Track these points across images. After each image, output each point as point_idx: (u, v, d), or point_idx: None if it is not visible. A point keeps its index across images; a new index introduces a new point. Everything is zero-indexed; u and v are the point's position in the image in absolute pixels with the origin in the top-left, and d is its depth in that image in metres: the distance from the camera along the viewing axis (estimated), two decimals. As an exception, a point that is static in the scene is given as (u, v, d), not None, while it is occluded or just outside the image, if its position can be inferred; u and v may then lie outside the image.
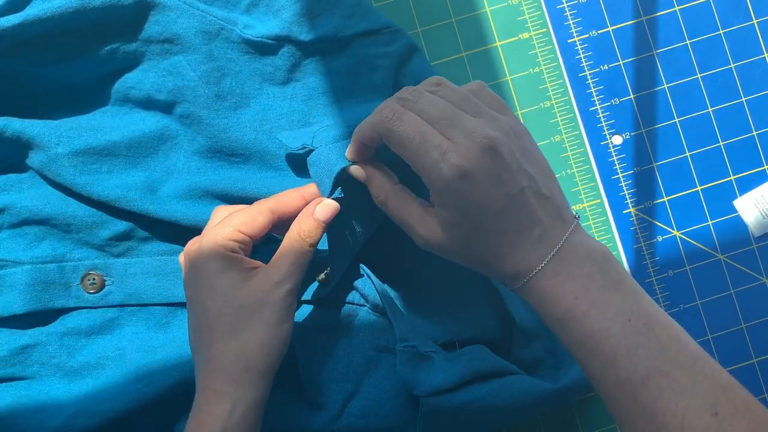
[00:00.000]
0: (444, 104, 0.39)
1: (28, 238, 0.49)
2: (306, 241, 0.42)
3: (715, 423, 0.35)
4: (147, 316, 0.50)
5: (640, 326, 0.37)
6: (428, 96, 0.40)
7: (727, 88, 0.56)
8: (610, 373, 0.37)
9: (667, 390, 0.36)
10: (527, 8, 0.56)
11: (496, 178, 0.38)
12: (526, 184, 0.38)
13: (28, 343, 0.48)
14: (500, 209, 0.38)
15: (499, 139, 0.38)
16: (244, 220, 0.42)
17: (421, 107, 0.39)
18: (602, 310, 0.37)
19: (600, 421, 0.55)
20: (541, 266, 0.38)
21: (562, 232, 0.39)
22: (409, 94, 0.40)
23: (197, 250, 0.42)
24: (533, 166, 0.39)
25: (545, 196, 0.39)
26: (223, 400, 0.40)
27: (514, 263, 0.39)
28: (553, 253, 0.38)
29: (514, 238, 0.38)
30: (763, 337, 0.55)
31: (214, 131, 0.50)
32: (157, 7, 0.49)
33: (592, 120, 0.56)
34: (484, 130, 0.38)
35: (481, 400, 0.45)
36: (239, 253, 0.42)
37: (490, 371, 0.46)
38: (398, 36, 0.51)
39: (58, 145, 0.48)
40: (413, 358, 0.45)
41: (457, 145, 0.38)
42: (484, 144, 0.37)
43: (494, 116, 0.40)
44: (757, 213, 0.55)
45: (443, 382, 0.44)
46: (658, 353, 0.36)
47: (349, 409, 0.47)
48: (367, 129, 0.41)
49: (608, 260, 0.39)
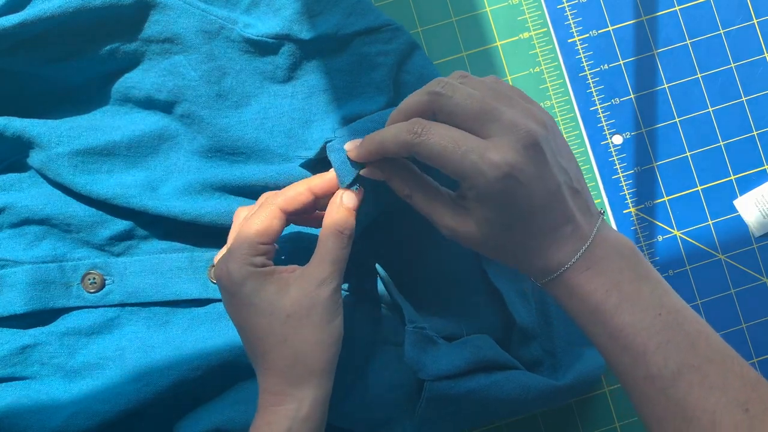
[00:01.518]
0: (480, 96, 0.37)
1: (28, 237, 0.49)
2: (345, 234, 0.41)
3: (746, 420, 0.35)
4: (147, 316, 0.50)
5: (670, 320, 0.37)
6: (463, 89, 0.38)
7: (728, 88, 0.56)
8: (640, 368, 0.37)
9: (697, 386, 0.35)
10: (527, 8, 0.56)
11: (539, 175, 0.37)
12: (563, 179, 0.38)
13: (28, 343, 0.48)
14: (539, 207, 0.37)
15: (541, 134, 0.37)
16: (259, 230, 0.42)
17: (458, 102, 0.37)
18: (633, 304, 0.37)
19: (600, 421, 0.55)
20: (573, 261, 0.38)
21: (592, 226, 0.38)
22: (443, 87, 0.38)
23: (228, 275, 0.41)
24: (566, 159, 0.39)
25: (577, 190, 0.38)
26: (287, 400, 0.40)
27: (546, 259, 0.38)
28: (585, 247, 0.38)
29: (549, 235, 0.38)
30: (763, 337, 0.55)
31: (215, 130, 0.50)
32: (157, 7, 0.49)
33: (592, 120, 0.56)
34: (525, 123, 0.36)
35: (484, 390, 0.45)
36: (269, 263, 0.42)
37: (495, 361, 0.46)
38: (398, 34, 0.51)
39: (59, 144, 0.48)
40: (421, 340, 0.45)
41: (497, 142, 0.36)
42: (527, 140, 0.36)
43: (529, 108, 0.38)
44: (757, 213, 0.55)
45: (450, 366, 0.44)
46: (688, 348, 0.36)
47: (349, 401, 0.47)
48: (392, 145, 0.39)
49: (636, 254, 0.39)
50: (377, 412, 0.47)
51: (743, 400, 0.35)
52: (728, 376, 0.36)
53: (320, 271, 0.41)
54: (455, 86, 0.38)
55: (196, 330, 0.50)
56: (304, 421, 0.40)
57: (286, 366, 0.40)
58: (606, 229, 0.39)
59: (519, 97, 0.39)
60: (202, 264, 0.50)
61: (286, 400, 0.40)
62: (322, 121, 0.51)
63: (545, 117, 0.38)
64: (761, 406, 0.35)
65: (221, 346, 0.47)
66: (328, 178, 0.43)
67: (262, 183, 0.48)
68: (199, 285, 0.50)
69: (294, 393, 0.40)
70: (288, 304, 0.40)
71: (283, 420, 0.40)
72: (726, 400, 0.35)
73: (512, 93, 0.39)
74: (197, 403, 0.48)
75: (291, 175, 0.48)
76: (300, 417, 0.40)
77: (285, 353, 0.40)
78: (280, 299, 0.40)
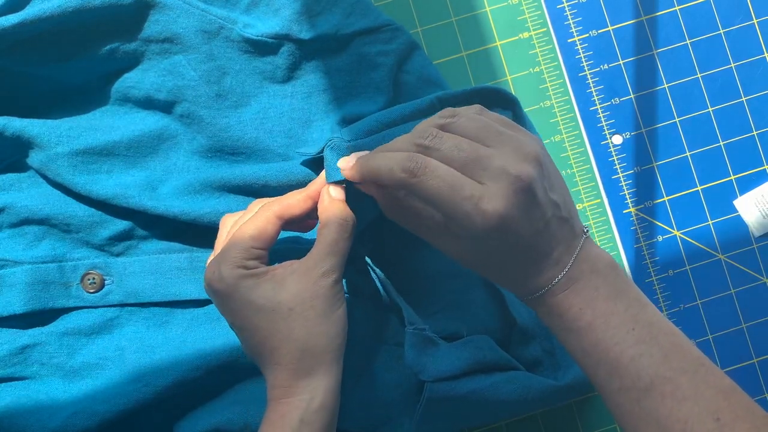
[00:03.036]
0: (467, 145, 0.37)
1: (27, 237, 0.49)
2: (348, 222, 0.42)
3: (717, 428, 0.36)
4: (147, 316, 0.50)
5: (644, 335, 0.38)
6: (449, 139, 0.38)
7: (728, 87, 0.56)
8: (614, 381, 0.38)
9: (669, 397, 0.36)
10: (527, 8, 0.56)
11: (528, 216, 0.37)
12: (551, 213, 0.38)
13: (28, 343, 0.48)
14: (527, 243, 0.38)
15: (533, 176, 0.37)
16: (253, 234, 0.42)
17: (445, 154, 0.37)
18: (606, 320, 0.38)
19: (600, 421, 0.55)
20: (551, 285, 0.39)
21: (574, 249, 0.39)
22: (430, 140, 0.38)
23: (220, 279, 0.41)
24: (556, 190, 0.39)
25: (565, 218, 0.39)
26: (299, 392, 0.40)
27: (528, 283, 0.39)
28: (564, 273, 0.39)
29: (533, 265, 0.39)
30: (763, 337, 0.55)
31: (215, 130, 0.50)
32: (157, 7, 0.49)
33: (592, 120, 0.56)
34: (515, 167, 0.37)
35: (484, 391, 0.45)
36: (261, 266, 0.42)
37: (495, 362, 0.46)
38: (398, 34, 0.51)
39: (58, 144, 0.48)
40: (421, 341, 0.45)
41: (490, 190, 0.36)
42: (517, 185, 0.36)
43: (518, 142, 0.38)
44: (757, 213, 0.55)
45: (450, 367, 0.44)
46: (661, 361, 0.37)
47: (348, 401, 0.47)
48: (385, 177, 0.38)
49: (614, 270, 0.39)
50: (376, 412, 0.47)
51: (714, 409, 0.36)
52: (700, 387, 0.37)
53: (322, 262, 0.41)
54: (442, 138, 0.38)
55: (196, 330, 0.50)
56: (317, 411, 0.40)
57: (294, 359, 0.40)
58: (588, 247, 0.40)
59: (509, 130, 0.39)
60: (202, 264, 0.50)
61: (297, 391, 0.40)
62: (322, 121, 0.51)
63: (536, 148, 0.38)
64: (732, 414, 0.36)
65: (221, 346, 0.47)
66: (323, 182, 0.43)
67: (262, 182, 0.48)
68: (198, 285, 0.50)
69: (305, 384, 0.40)
70: (289, 298, 0.40)
71: (296, 411, 0.40)
72: (698, 409, 0.36)
73: (501, 127, 0.39)
74: (197, 403, 0.48)
75: (291, 173, 0.48)
76: (313, 407, 0.40)
77: (292, 347, 0.40)
78: (279, 295, 0.40)
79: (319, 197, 0.43)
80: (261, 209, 0.43)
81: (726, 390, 0.37)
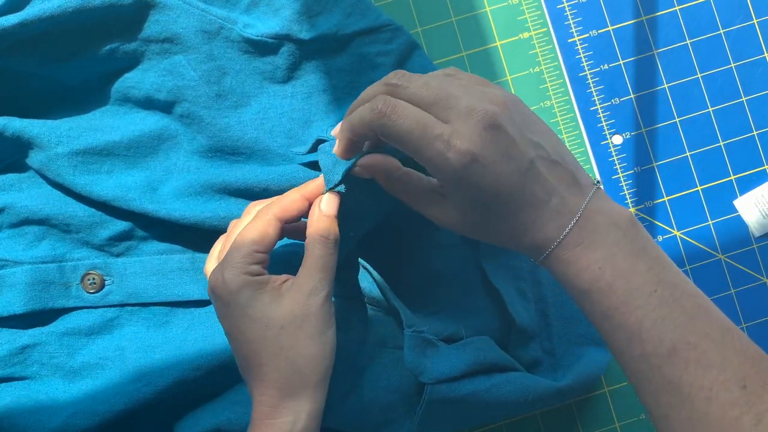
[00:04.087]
0: (436, 84, 0.37)
1: (27, 237, 0.49)
2: (330, 239, 0.41)
3: (743, 396, 0.34)
4: (147, 316, 0.50)
5: (667, 296, 0.36)
6: (418, 78, 0.38)
7: (728, 88, 0.56)
8: (635, 346, 0.36)
9: (694, 363, 0.35)
10: (527, 8, 0.56)
11: (504, 154, 0.36)
12: (534, 154, 0.37)
13: (28, 343, 0.48)
14: (513, 186, 0.36)
15: (500, 113, 0.36)
16: (255, 238, 0.41)
17: (413, 91, 0.37)
18: (627, 281, 0.36)
19: (600, 421, 0.55)
20: (562, 237, 0.37)
21: (581, 199, 0.37)
22: (398, 78, 0.38)
23: (223, 284, 0.41)
24: (537, 133, 0.38)
25: (556, 162, 0.37)
26: (284, 413, 0.40)
27: (532, 237, 0.37)
28: (573, 222, 0.36)
29: (531, 213, 0.37)
30: (763, 337, 0.55)
31: (215, 130, 0.50)
32: (157, 7, 0.49)
33: (592, 120, 0.56)
34: (483, 105, 0.36)
35: (484, 392, 0.45)
36: (263, 272, 0.41)
37: (495, 363, 0.46)
38: (398, 34, 0.51)
39: (58, 144, 0.48)
40: (421, 343, 0.45)
41: (459, 128, 0.36)
42: (485, 121, 0.35)
43: (485, 90, 0.38)
44: (757, 213, 0.55)
45: (450, 369, 0.44)
46: (685, 325, 0.35)
47: (347, 405, 0.47)
48: (358, 125, 0.38)
49: (634, 225, 0.37)
50: (375, 416, 0.47)
51: (741, 376, 0.34)
52: (727, 353, 0.35)
53: (309, 280, 0.40)
54: (411, 76, 0.38)
55: (196, 330, 0.50)
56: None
57: (282, 378, 0.40)
58: (601, 200, 0.38)
59: (477, 84, 0.39)
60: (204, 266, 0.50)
61: (282, 413, 0.40)
62: (322, 121, 0.51)
63: (506, 96, 0.37)
64: (759, 382, 0.34)
65: (221, 346, 0.47)
66: (320, 183, 0.43)
67: (263, 185, 0.48)
68: (201, 286, 0.50)
69: (290, 406, 0.40)
70: (281, 316, 0.40)
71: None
72: (724, 377, 0.34)
73: (469, 81, 0.39)
74: (197, 403, 0.48)
75: (292, 177, 0.48)
76: (296, 430, 0.39)
77: (281, 365, 0.40)
78: (274, 311, 0.40)
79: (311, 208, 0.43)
80: (260, 212, 0.43)
81: (754, 356, 0.35)
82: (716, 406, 0.34)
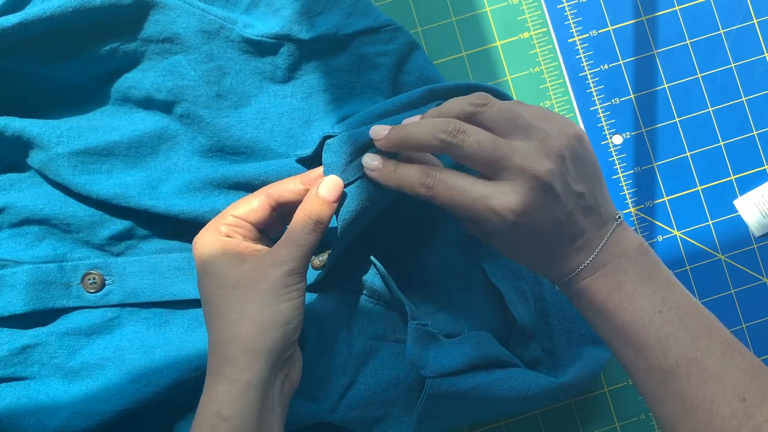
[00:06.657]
0: (490, 143, 0.38)
1: (28, 237, 0.49)
2: (312, 219, 0.41)
3: (743, 408, 0.37)
4: (147, 316, 0.50)
5: (671, 316, 0.39)
6: (472, 136, 0.38)
7: (727, 87, 0.56)
8: (640, 361, 0.39)
9: (695, 377, 0.38)
10: (527, 8, 0.56)
11: (547, 209, 0.38)
12: (573, 205, 0.39)
13: (28, 343, 0.48)
14: (548, 232, 0.39)
15: (552, 172, 0.38)
16: (237, 206, 0.42)
17: (466, 152, 0.38)
18: (633, 303, 0.39)
19: (600, 421, 0.55)
20: (580, 269, 0.40)
21: (603, 234, 0.40)
22: (453, 136, 0.38)
23: (196, 243, 0.42)
24: (583, 179, 0.40)
25: (591, 208, 0.40)
26: (219, 381, 0.39)
27: (557, 268, 0.41)
28: (593, 256, 0.40)
29: (560, 252, 0.40)
30: (763, 337, 0.55)
31: (215, 130, 0.50)
32: (157, 7, 0.49)
33: (592, 120, 0.56)
34: (533, 165, 0.38)
35: (485, 387, 0.45)
36: (234, 236, 0.42)
37: (496, 358, 0.46)
38: (398, 34, 0.51)
39: (58, 144, 0.48)
40: (424, 336, 0.45)
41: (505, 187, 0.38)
42: (534, 183, 0.38)
43: (543, 132, 0.39)
44: (757, 213, 0.55)
45: (452, 363, 0.45)
46: (688, 342, 0.38)
47: (346, 400, 0.47)
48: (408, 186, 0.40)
49: (643, 254, 0.40)
50: (375, 409, 0.48)
51: (740, 390, 0.37)
52: (727, 368, 0.38)
53: (277, 250, 0.41)
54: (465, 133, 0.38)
55: (196, 330, 0.50)
56: (234, 403, 0.38)
57: (223, 341, 0.39)
58: (619, 232, 0.41)
59: (538, 121, 0.39)
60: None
61: (219, 380, 0.39)
62: (322, 121, 0.51)
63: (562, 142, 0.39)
64: (759, 395, 0.37)
65: (221, 346, 0.47)
66: (320, 172, 0.43)
67: (263, 178, 0.48)
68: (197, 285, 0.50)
69: (227, 373, 0.39)
70: (237, 276, 0.40)
71: (212, 403, 0.39)
72: (724, 390, 0.37)
73: (531, 118, 0.39)
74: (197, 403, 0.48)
75: (292, 169, 0.48)
76: (230, 399, 0.38)
77: (224, 327, 0.40)
78: (232, 270, 0.40)
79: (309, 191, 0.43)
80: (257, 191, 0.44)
81: (754, 371, 0.38)
82: (717, 417, 0.37)
